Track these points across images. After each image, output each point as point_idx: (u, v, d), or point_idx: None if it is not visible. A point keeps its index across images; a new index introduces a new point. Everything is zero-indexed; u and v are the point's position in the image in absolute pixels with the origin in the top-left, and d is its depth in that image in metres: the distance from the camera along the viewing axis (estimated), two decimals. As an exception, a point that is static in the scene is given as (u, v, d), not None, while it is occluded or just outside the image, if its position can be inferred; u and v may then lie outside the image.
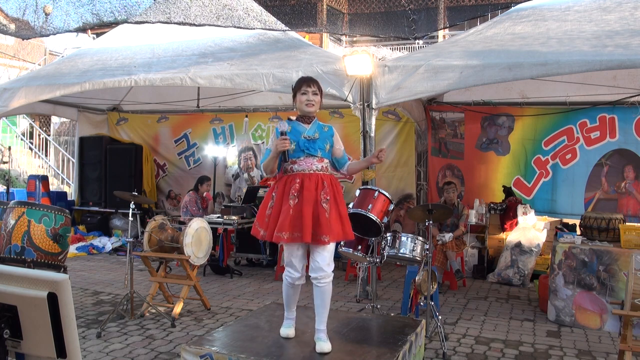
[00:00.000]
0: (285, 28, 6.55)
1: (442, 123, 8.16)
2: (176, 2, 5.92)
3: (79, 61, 7.01)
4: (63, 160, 13.29)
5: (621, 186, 7.15)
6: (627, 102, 6.92)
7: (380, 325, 3.97)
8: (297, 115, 3.38)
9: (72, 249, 7.89)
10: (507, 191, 7.65)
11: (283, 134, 3.15)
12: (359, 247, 4.64)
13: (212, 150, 8.86)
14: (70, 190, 11.21)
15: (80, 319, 4.73)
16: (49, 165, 13.36)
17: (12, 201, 4.70)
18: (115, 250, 8.56)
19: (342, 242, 4.62)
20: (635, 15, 5.28)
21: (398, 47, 15.71)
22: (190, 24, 5.80)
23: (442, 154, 8.21)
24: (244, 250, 7.55)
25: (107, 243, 8.68)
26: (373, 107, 5.41)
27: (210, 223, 5.82)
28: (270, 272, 7.20)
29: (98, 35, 11.74)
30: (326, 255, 3.24)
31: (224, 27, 6.02)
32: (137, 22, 5.90)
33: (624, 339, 3.47)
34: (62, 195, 10.11)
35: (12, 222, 4.47)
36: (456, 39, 6.11)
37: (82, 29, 7.02)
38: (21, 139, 13.60)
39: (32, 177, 9.50)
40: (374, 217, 4.15)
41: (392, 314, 5.06)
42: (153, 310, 4.92)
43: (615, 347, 4.28)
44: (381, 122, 7.82)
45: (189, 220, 5.86)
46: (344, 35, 16.91)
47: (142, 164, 9.45)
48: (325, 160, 3.33)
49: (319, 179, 3.23)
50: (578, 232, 5.63)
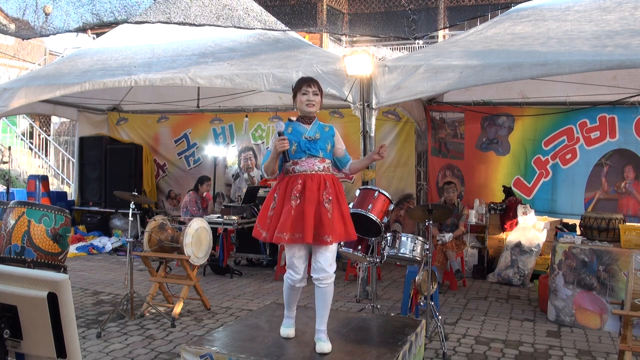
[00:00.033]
0: (285, 28, 6.55)
1: (442, 123, 8.16)
2: (176, 2, 5.92)
3: (79, 61, 7.01)
4: (63, 160, 13.29)
5: (621, 186, 7.15)
6: (627, 102, 6.92)
7: (380, 325, 3.97)
8: (298, 116, 3.37)
9: (72, 249, 7.89)
10: (507, 191, 7.64)
11: (280, 134, 3.14)
12: (359, 247, 4.64)
13: (212, 150, 8.86)
14: (70, 190, 11.21)
15: (80, 319, 4.73)
16: (49, 165, 13.35)
17: (12, 201, 4.70)
18: (115, 250, 8.56)
19: (342, 242, 4.61)
20: (635, 15, 5.28)
21: (398, 47, 15.70)
22: (190, 24, 5.80)
23: (442, 154, 8.21)
24: (244, 250, 7.55)
25: (107, 243, 8.68)
26: (373, 107, 5.41)
27: (210, 223, 5.82)
28: (270, 272, 7.20)
29: (98, 35, 11.74)
30: (328, 255, 3.23)
31: (224, 27, 6.02)
32: (137, 22, 5.90)
33: (624, 339, 3.47)
34: (62, 195, 10.11)
35: (12, 222, 4.47)
36: (456, 39, 6.11)
37: (82, 29, 7.02)
38: (21, 139, 13.60)
39: (32, 177, 9.50)
40: (374, 217, 4.16)
41: (392, 314, 5.06)
42: (153, 310, 4.92)
43: (615, 347, 4.28)
44: (381, 122, 7.82)
45: (189, 220, 5.86)
46: (344, 35, 16.91)
47: (142, 164, 9.45)
48: (327, 160, 3.32)
49: (321, 179, 3.22)
50: (578, 232, 5.63)
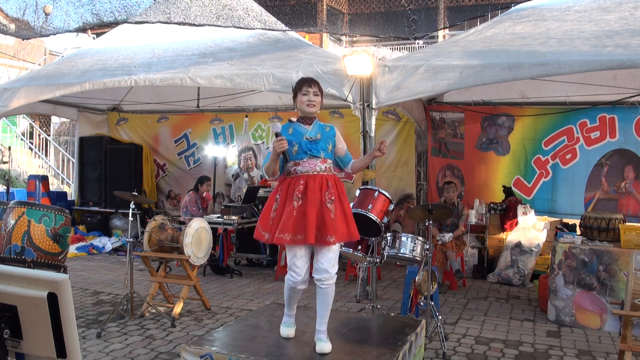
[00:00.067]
0: (285, 28, 6.55)
1: (442, 123, 8.16)
2: (176, 2, 5.92)
3: (79, 61, 7.01)
4: (63, 160, 13.28)
5: (621, 186, 7.15)
6: (627, 102, 6.92)
7: (380, 325, 3.97)
8: (298, 117, 3.35)
9: (72, 249, 7.89)
10: (507, 191, 7.64)
11: (278, 135, 3.12)
12: (359, 247, 4.64)
13: (212, 150, 8.86)
14: (70, 190, 11.21)
15: (80, 319, 4.73)
16: (49, 165, 13.35)
17: (12, 201, 4.70)
18: (115, 250, 8.56)
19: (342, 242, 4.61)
20: (635, 15, 5.28)
21: (398, 47, 15.70)
22: (190, 24, 5.80)
23: (442, 154, 8.20)
24: (244, 250, 7.55)
25: (107, 243, 8.68)
26: (373, 107, 5.41)
27: (210, 223, 5.82)
28: (270, 272, 7.20)
29: (98, 35, 11.74)
30: (331, 256, 3.22)
31: (224, 27, 6.02)
32: (137, 22, 5.90)
33: (624, 339, 3.47)
34: (62, 195, 10.11)
35: (12, 222, 4.47)
36: (456, 39, 6.11)
37: (82, 29, 7.02)
38: (21, 139, 13.60)
39: (32, 177, 9.50)
40: (374, 217, 4.16)
41: (392, 314, 5.06)
42: (153, 310, 4.92)
43: (615, 347, 4.28)
44: (381, 122, 7.82)
45: (189, 220, 5.86)
46: (344, 35, 16.91)
47: (142, 164, 9.45)
48: (329, 160, 3.30)
49: (323, 179, 3.21)
50: (578, 232, 5.63)
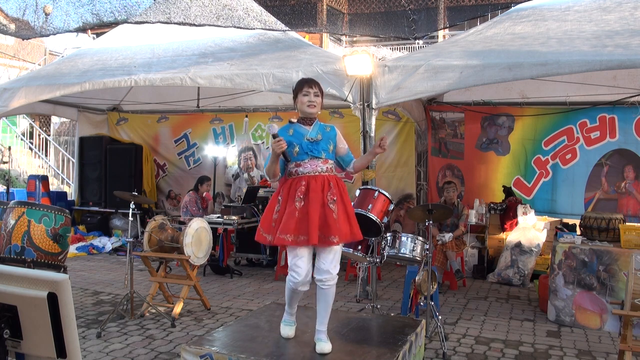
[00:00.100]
0: (285, 28, 6.55)
1: (442, 123, 8.16)
2: (176, 2, 5.92)
3: (79, 61, 7.01)
4: (63, 160, 13.28)
5: (621, 186, 7.15)
6: (627, 102, 6.92)
7: (380, 325, 3.97)
8: (298, 117, 3.34)
9: (72, 249, 7.89)
10: (507, 191, 7.64)
11: (275, 136, 3.10)
12: (359, 247, 4.64)
13: (212, 150, 8.86)
14: (70, 190, 11.21)
15: (80, 319, 4.73)
16: (49, 165, 13.35)
17: (12, 201, 4.70)
18: (115, 250, 8.56)
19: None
20: (635, 15, 5.28)
21: (398, 47, 15.71)
22: (190, 24, 5.80)
23: (442, 154, 8.20)
24: (244, 250, 7.55)
25: (107, 243, 8.68)
26: (373, 107, 5.41)
27: (210, 223, 5.82)
28: (270, 272, 7.20)
29: (98, 35, 11.74)
30: (332, 257, 3.21)
31: (224, 27, 6.02)
32: (137, 22, 5.91)
33: (624, 339, 3.47)
34: (62, 195, 10.11)
35: (12, 222, 4.47)
36: (456, 39, 6.11)
37: (82, 29, 7.03)
38: (21, 139, 13.60)
39: (32, 177, 9.50)
40: (374, 217, 4.16)
41: (392, 314, 5.06)
42: (153, 310, 4.92)
43: (615, 347, 4.28)
44: (381, 122, 7.82)
45: (189, 220, 5.86)
46: (344, 35, 16.91)
47: (142, 164, 9.45)
48: (330, 161, 3.29)
49: (325, 180, 3.20)
50: (578, 232, 5.63)
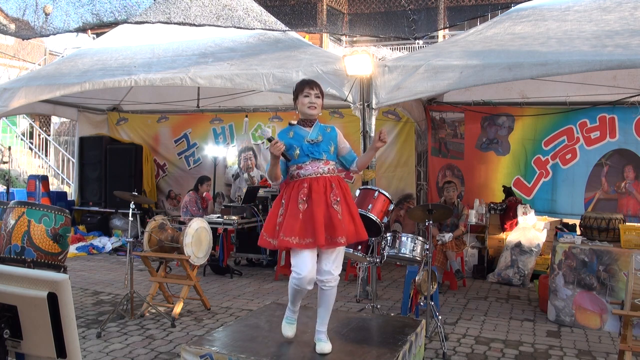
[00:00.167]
0: (285, 28, 6.55)
1: (442, 123, 8.16)
2: (176, 2, 5.92)
3: (79, 61, 7.01)
4: (63, 160, 13.28)
5: (621, 186, 7.15)
6: (627, 102, 6.92)
7: (380, 325, 3.97)
8: (298, 119, 3.32)
9: (72, 249, 7.89)
10: (507, 191, 7.64)
11: (271, 140, 3.06)
12: (359, 247, 4.64)
13: (212, 150, 8.86)
14: (70, 190, 11.21)
15: (80, 319, 4.73)
16: (49, 165, 13.35)
17: (12, 201, 4.70)
18: (115, 250, 8.56)
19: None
20: (635, 15, 5.28)
21: (398, 47, 15.71)
22: (190, 24, 5.80)
23: (442, 154, 8.20)
24: (244, 250, 7.55)
25: (107, 243, 8.68)
26: (373, 107, 5.41)
27: (210, 223, 5.82)
28: (270, 272, 7.20)
29: (98, 35, 11.74)
30: (335, 258, 3.20)
31: (224, 27, 6.02)
32: (137, 22, 5.91)
33: (624, 339, 3.47)
34: (62, 195, 10.11)
35: (12, 222, 4.47)
36: (456, 39, 6.11)
37: (82, 29, 7.03)
38: (21, 139, 13.60)
39: (32, 177, 9.50)
40: (374, 217, 4.16)
41: (392, 314, 5.06)
42: (153, 310, 4.92)
43: (615, 347, 4.28)
44: (381, 122, 7.80)
45: (189, 220, 5.86)
46: (344, 35, 16.91)
47: (142, 164, 9.45)
48: (331, 162, 3.27)
49: (327, 181, 3.18)
50: (578, 232, 5.63)
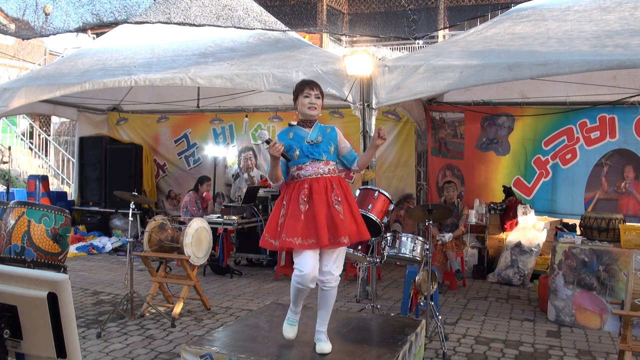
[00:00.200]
0: (285, 28, 6.55)
1: (442, 123, 8.16)
2: (176, 2, 5.92)
3: (79, 61, 7.01)
4: (63, 160, 13.28)
5: (621, 186, 7.15)
6: (627, 102, 6.92)
7: (380, 325, 3.97)
8: (298, 120, 3.31)
9: (72, 249, 7.89)
10: (507, 191, 7.64)
11: (268, 142, 3.05)
12: (359, 247, 4.64)
13: (212, 150, 8.86)
14: (70, 190, 11.21)
15: (80, 319, 4.73)
16: (49, 165, 13.35)
17: (12, 201, 4.70)
18: (115, 250, 8.56)
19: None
20: (635, 15, 5.28)
21: (398, 47, 15.71)
22: (190, 24, 5.80)
23: (442, 154, 8.20)
24: (244, 250, 7.55)
25: (107, 243, 8.68)
26: (373, 107, 5.41)
27: (210, 223, 5.82)
28: (270, 272, 7.20)
29: (98, 35, 11.74)
30: (336, 258, 3.20)
31: (224, 27, 6.02)
32: (137, 22, 5.91)
33: (624, 339, 3.47)
34: (62, 195, 10.11)
35: (12, 222, 4.47)
36: (456, 39, 6.11)
37: (82, 29, 7.03)
38: (21, 139, 13.60)
39: (32, 177, 9.50)
40: (374, 217, 4.16)
41: (392, 314, 5.06)
42: (153, 310, 4.92)
43: (615, 347, 4.28)
44: (381, 122, 7.80)
45: (189, 220, 5.86)
46: (344, 35, 16.91)
47: (142, 164, 9.45)
48: (332, 162, 3.27)
49: (327, 181, 3.18)
50: (578, 232, 5.63)
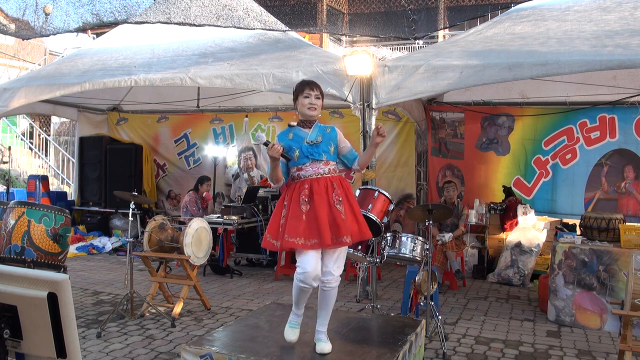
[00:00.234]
0: (286, 28, 6.55)
1: (442, 123, 8.16)
2: (176, 2, 5.92)
3: (79, 61, 7.01)
4: (63, 160, 13.28)
5: (621, 186, 7.15)
6: (627, 102, 6.92)
7: (380, 325, 3.97)
8: (298, 120, 3.31)
9: (72, 249, 7.89)
10: (507, 191, 7.64)
11: (267, 144, 3.05)
12: (359, 247, 4.64)
13: (212, 150, 8.85)
14: (70, 190, 11.21)
15: (80, 319, 4.73)
16: (49, 165, 13.35)
17: (12, 201, 4.70)
18: (115, 250, 8.56)
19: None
20: (635, 15, 5.28)
21: (398, 47, 15.71)
22: (190, 24, 5.80)
23: (442, 154, 8.20)
24: (244, 250, 7.55)
25: (107, 243, 8.68)
26: (373, 107, 5.42)
27: (210, 223, 5.82)
28: (270, 272, 7.20)
29: (98, 35, 11.74)
30: (337, 258, 3.20)
31: (224, 27, 6.02)
32: (137, 22, 5.91)
33: (624, 339, 3.47)
34: (62, 195, 10.11)
35: (12, 222, 4.47)
36: (456, 39, 6.11)
37: (82, 29, 7.03)
38: (21, 139, 13.60)
39: (32, 177, 9.50)
40: (374, 217, 4.16)
41: (392, 314, 5.06)
42: (153, 310, 4.92)
43: (615, 347, 4.28)
44: (381, 122, 7.75)
45: (189, 220, 5.86)
46: (344, 35, 16.92)
47: (142, 164, 9.45)
48: (332, 162, 3.26)
49: (328, 181, 3.18)
50: (578, 232, 5.63)
